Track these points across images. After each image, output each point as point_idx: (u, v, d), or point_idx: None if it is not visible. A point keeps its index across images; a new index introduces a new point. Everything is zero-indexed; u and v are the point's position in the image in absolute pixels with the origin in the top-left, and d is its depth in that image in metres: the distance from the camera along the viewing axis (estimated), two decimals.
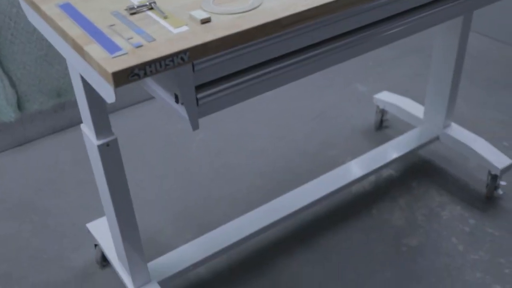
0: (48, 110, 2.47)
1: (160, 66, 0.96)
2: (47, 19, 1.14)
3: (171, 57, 0.96)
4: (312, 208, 1.92)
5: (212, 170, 2.26)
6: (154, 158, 2.34)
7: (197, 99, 1.08)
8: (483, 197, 2.05)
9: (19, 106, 2.35)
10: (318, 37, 1.20)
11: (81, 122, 1.37)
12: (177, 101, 1.09)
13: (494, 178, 1.99)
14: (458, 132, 2.13)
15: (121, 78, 0.93)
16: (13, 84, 2.29)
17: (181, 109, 1.10)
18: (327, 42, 1.23)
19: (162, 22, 1.07)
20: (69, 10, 1.14)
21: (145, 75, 0.95)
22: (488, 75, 2.80)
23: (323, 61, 1.24)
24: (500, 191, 2.04)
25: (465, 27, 1.92)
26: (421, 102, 2.22)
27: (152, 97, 2.68)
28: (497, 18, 3.02)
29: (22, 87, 2.32)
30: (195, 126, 1.10)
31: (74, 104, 2.49)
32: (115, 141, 1.30)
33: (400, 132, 2.25)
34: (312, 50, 1.21)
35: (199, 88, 1.08)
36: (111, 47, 0.99)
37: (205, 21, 1.06)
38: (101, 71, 0.95)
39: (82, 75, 1.18)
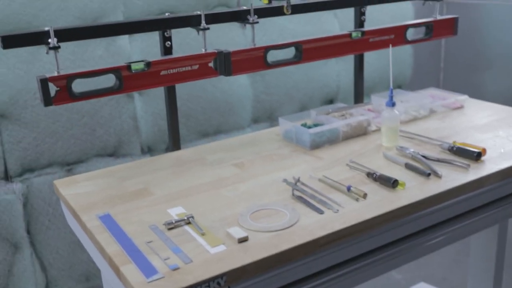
0: None
1: None
2: (87, 231, 1.16)
3: (207, 282, 0.95)
4: None
5: None
6: None
7: None
8: None
9: None
10: (354, 253, 1.17)
11: None
12: None
13: None
14: None
15: None
16: (43, 269, 2.28)
17: None
18: (365, 256, 1.20)
19: (199, 239, 1.07)
20: (108, 223, 1.16)
21: None
22: None
23: (360, 275, 1.20)
24: None
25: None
26: None
27: None
28: None
29: (52, 272, 2.31)
30: None
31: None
32: None
33: None
34: (350, 264, 1.18)
35: None
36: (147, 270, 0.98)
37: (243, 240, 1.06)
38: None
39: None
